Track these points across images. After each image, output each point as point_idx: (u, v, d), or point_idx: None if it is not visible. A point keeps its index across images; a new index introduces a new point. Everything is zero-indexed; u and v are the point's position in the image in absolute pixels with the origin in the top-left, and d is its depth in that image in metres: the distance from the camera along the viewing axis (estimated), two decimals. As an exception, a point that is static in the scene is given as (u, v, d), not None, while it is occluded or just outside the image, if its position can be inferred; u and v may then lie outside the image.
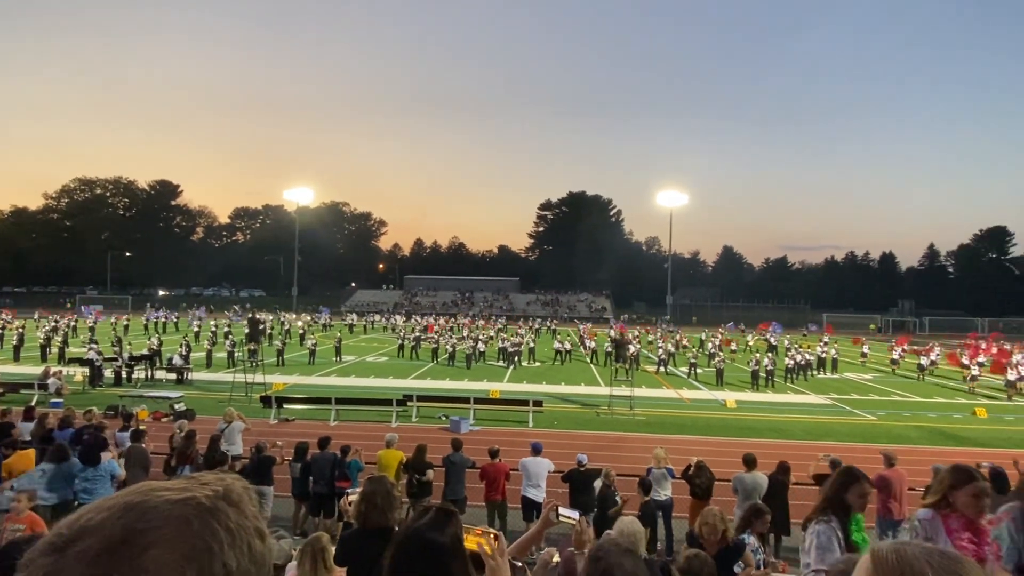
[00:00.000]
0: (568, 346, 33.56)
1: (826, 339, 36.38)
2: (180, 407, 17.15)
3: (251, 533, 0.72)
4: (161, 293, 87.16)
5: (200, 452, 9.74)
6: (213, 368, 26.78)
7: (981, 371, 27.30)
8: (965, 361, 29.06)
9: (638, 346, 31.88)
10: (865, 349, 35.38)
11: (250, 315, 29.92)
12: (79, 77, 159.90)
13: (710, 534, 5.19)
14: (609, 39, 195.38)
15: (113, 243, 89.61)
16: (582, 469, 9.36)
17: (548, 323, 56.47)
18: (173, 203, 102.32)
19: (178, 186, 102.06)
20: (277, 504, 9.97)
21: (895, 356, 32.14)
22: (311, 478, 9.48)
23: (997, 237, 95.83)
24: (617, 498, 8.86)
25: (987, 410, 20.74)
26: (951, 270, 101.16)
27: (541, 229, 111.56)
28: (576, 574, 2.62)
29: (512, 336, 35.58)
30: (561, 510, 2.79)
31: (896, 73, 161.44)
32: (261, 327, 27.02)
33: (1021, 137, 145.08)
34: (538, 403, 17.83)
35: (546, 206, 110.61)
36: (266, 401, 17.38)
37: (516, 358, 30.46)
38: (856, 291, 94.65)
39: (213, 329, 36.27)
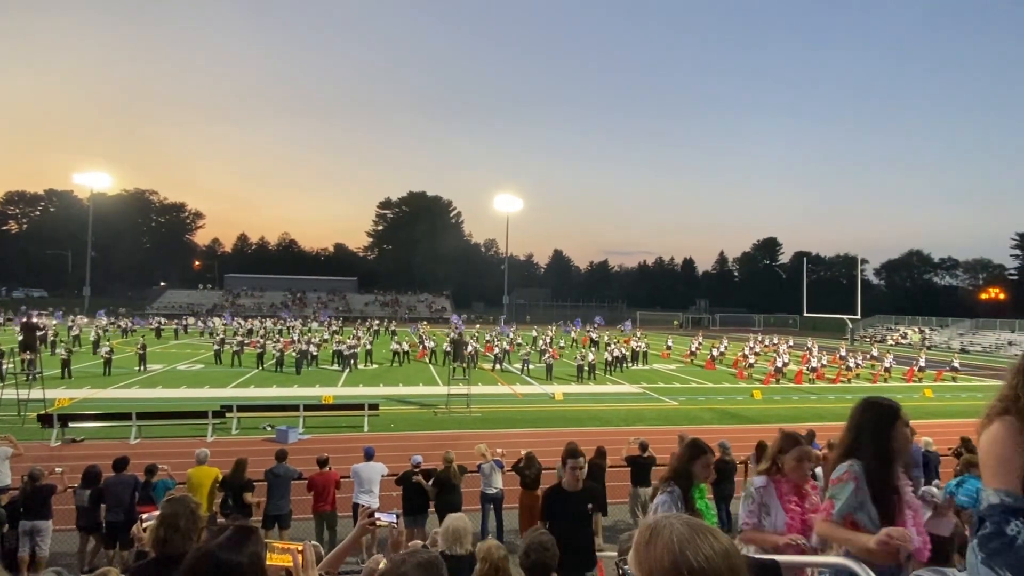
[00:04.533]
0: (406, 347, 33.26)
1: (638, 334, 40.56)
2: (-81, 435, 13.84)
3: None
4: None
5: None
6: (-31, 385, 22.03)
7: (757, 360, 32.46)
8: (747, 352, 34.36)
9: (476, 345, 32.64)
10: (670, 343, 40.07)
11: (25, 319, 25.11)
12: None
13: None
14: (449, 41, 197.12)
15: None
16: (416, 471, 9.38)
17: (386, 324, 55.35)
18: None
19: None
20: (59, 539, 8.56)
21: (693, 348, 36.87)
22: (104, 505, 8.28)
23: (770, 246, 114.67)
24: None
25: (761, 392, 24.72)
26: (736, 274, 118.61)
27: (380, 228, 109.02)
28: None
29: (348, 338, 34.30)
30: (377, 515, 2.81)
31: (697, 100, 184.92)
32: (40, 333, 22.91)
33: (790, 160, 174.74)
34: (374, 406, 17.42)
35: (386, 205, 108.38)
36: (45, 420, 14.73)
37: (352, 361, 29.46)
38: (663, 291, 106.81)
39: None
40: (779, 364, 29.76)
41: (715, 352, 35.12)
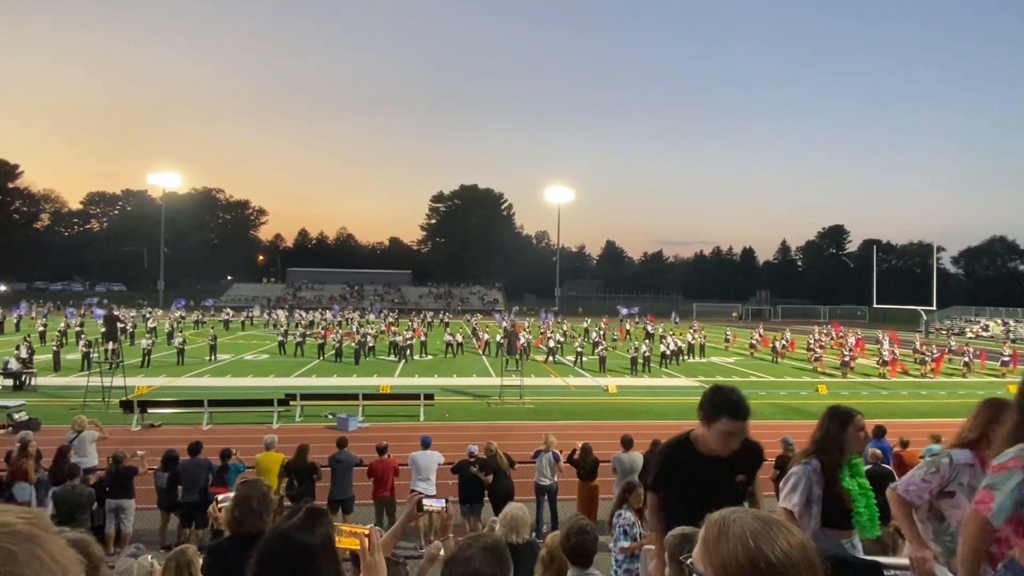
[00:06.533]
0: (460, 338, 33.66)
1: (695, 326, 39.55)
2: (21, 416, 15.08)
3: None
4: (-3, 288, 75.57)
5: (45, 467, 8.67)
6: (62, 372, 23.85)
7: (823, 352, 31.08)
8: (809, 344, 32.89)
9: (528, 336, 32.72)
10: (728, 335, 38.91)
11: (107, 311, 26.92)
12: None
13: None
14: (500, 36, 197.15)
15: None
16: (472, 462, 9.48)
17: (440, 316, 56.19)
18: (11, 186, 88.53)
19: (16, 167, 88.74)
20: (141, 517, 9.16)
21: (753, 341, 35.66)
22: (180, 487, 8.79)
23: (836, 234, 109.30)
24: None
25: (827, 386, 23.65)
26: (800, 264, 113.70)
27: (433, 221, 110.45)
28: None
29: (404, 330, 35.04)
30: (426, 501, 2.83)
31: (758, 81, 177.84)
32: (120, 325, 24.49)
33: (858, 144, 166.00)
34: (429, 396, 17.76)
35: (438, 198, 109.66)
36: (127, 406, 15.78)
37: (407, 352, 30.09)
38: (721, 282, 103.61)
39: (62, 328, 32.19)
40: (846, 357, 28.40)
41: (777, 345, 33.83)
